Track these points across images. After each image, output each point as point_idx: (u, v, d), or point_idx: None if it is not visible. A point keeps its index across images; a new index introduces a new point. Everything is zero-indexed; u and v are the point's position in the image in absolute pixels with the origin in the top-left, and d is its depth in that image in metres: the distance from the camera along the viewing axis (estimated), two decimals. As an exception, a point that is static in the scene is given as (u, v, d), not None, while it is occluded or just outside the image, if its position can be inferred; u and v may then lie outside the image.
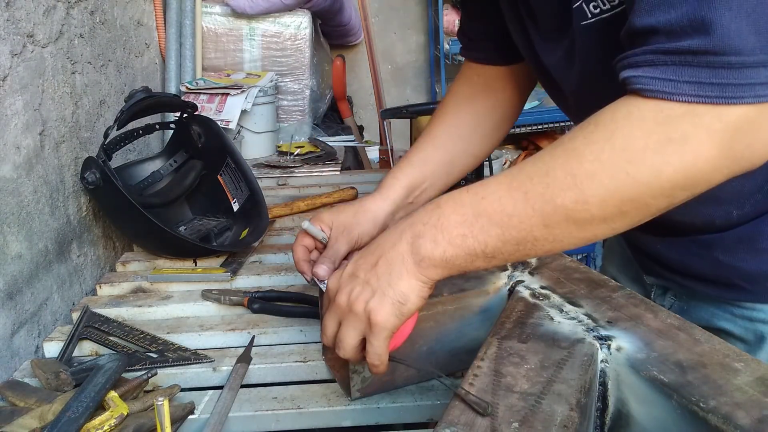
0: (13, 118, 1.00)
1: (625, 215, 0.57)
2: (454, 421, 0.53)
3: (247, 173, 1.36)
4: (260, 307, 1.02)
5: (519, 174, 0.60)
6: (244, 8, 2.14)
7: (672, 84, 0.52)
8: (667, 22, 0.52)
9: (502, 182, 0.60)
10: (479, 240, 0.60)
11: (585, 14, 0.68)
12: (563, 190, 0.56)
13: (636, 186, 0.55)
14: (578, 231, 0.58)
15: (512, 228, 0.59)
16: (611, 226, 0.58)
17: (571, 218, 0.57)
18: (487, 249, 0.60)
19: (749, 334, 0.79)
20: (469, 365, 0.61)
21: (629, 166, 0.54)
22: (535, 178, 0.58)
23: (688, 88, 0.52)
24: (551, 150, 0.59)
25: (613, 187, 0.55)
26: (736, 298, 0.79)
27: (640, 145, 0.54)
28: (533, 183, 0.58)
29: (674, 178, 0.54)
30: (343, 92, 2.68)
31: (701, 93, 0.52)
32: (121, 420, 0.74)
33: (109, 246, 1.33)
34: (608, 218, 0.57)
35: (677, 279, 0.85)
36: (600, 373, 0.62)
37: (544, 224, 0.58)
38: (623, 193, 0.55)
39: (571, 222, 0.57)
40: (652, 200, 0.56)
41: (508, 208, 0.59)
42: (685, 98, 0.52)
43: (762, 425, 0.49)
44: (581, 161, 0.56)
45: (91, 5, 1.34)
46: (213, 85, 2.01)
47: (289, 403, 0.81)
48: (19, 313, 0.98)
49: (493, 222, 0.59)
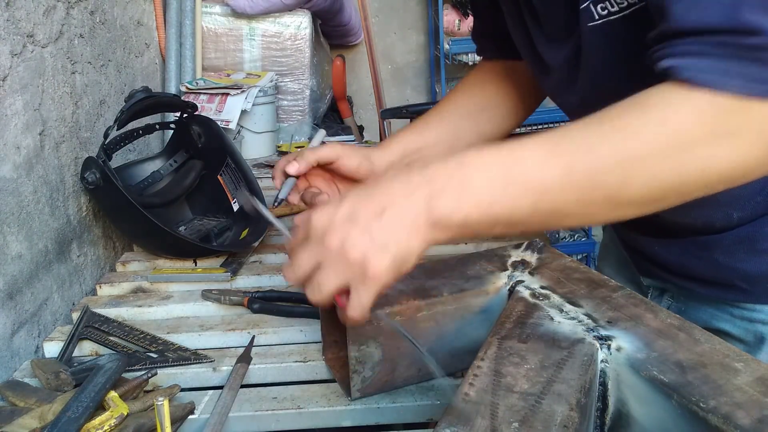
0: (13, 118, 1.00)
1: (662, 201, 0.56)
2: (454, 421, 0.53)
3: (247, 173, 1.36)
4: (260, 307, 1.02)
5: (560, 143, 0.56)
6: (244, 8, 2.14)
7: (724, 75, 0.51)
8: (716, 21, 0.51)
9: (541, 148, 0.56)
10: (506, 207, 0.56)
11: (592, 15, 0.67)
12: (608, 168, 0.54)
13: (683, 176, 0.54)
14: (612, 210, 0.57)
15: (546, 201, 0.55)
16: (646, 209, 0.57)
17: (610, 199, 0.55)
18: (513, 217, 0.56)
19: (749, 335, 0.78)
20: (469, 365, 0.61)
21: (680, 154, 0.53)
22: (579, 153, 0.55)
23: (740, 82, 0.51)
24: (598, 122, 0.56)
25: (660, 174, 0.54)
26: (735, 299, 0.78)
27: (694, 135, 0.53)
28: (576, 157, 0.55)
29: (722, 172, 0.53)
30: (343, 92, 2.68)
31: (752, 87, 0.51)
32: (121, 420, 0.74)
33: (109, 246, 1.33)
34: (646, 202, 0.56)
35: (675, 280, 0.84)
36: (600, 373, 0.62)
37: (581, 201, 0.55)
38: (668, 181, 0.54)
39: (608, 202, 0.55)
40: (695, 190, 0.55)
41: (546, 180, 0.55)
42: (737, 90, 0.51)
43: (762, 425, 0.49)
44: (633, 142, 0.53)
45: (91, 5, 1.34)
46: (213, 85, 2.01)
47: (289, 403, 0.81)
48: (19, 313, 0.98)
49: (527, 191, 0.55)
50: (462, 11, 3.22)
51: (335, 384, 0.85)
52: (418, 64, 3.54)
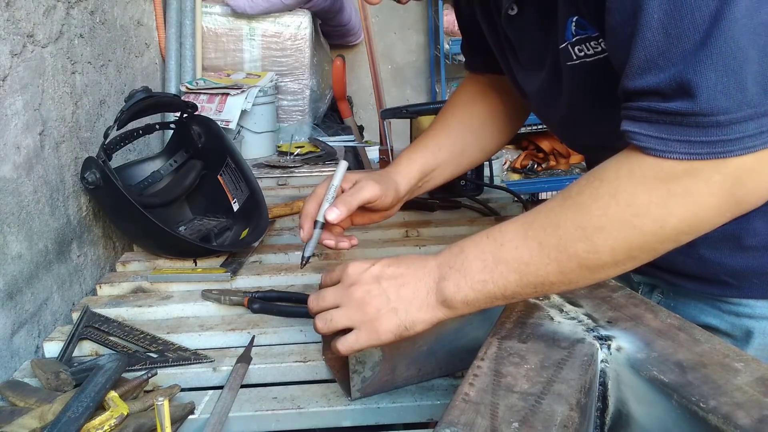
0: (13, 118, 1.00)
1: (634, 259, 0.61)
2: (454, 421, 0.53)
3: (247, 173, 1.36)
4: (260, 307, 1.02)
5: (533, 224, 0.64)
6: (244, 8, 2.14)
7: (666, 143, 0.56)
8: (657, 84, 0.56)
9: (519, 231, 0.64)
10: (499, 285, 0.64)
11: (570, 56, 0.72)
12: (575, 241, 0.60)
13: (643, 236, 0.59)
14: (591, 274, 0.63)
15: (529, 274, 0.63)
16: (622, 268, 0.62)
17: (584, 265, 0.61)
18: (506, 292, 0.64)
19: (736, 330, 0.79)
20: (469, 365, 0.61)
21: (635, 219, 0.58)
22: (548, 229, 0.62)
23: (681, 147, 0.55)
24: (561, 201, 0.63)
25: (621, 237, 0.59)
26: (722, 293, 0.79)
27: (644, 201, 0.57)
28: (546, 234, 0.62)
29: (679, 227, 0.58)
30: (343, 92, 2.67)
31: (693, 151, 0.55)
32: (121, 420, 0.74)
33: (109, 246, 1.33)
34: (619, 263, 0.62)
35: (664, 276, 0.85)
36: (600, 373, 0.62)
37: (559, 271, 0.62)
38: (631, 243, 0.59)
39: (584, 268, 0.62)
40: (660, 245, 0.61)
41: (524, 257, 0.63)
42: (679, 156, 0.56)
43: (762, 425, 0.49)
44: (590, 216, 0.60)
45: (91, 5, 1.34)
46: (213, 85, 2.01)
47: (289, 403, 0.81)
48: (19, 313, 0.98)
49: (512, 269, 0.63)
50: (462, 11, 3.22)
51: (335, 384, 0.85)
52: (418, 64, 3.54)
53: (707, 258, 0.78)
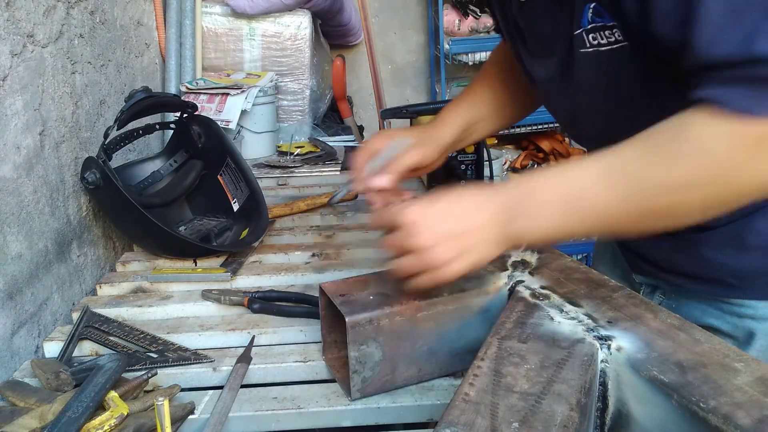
0: (13, 118, 1.00)
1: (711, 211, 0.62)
2: (454, 421, 0.53)
3: (247, 173, 1.36)
4: (260, 307, 1.02)
5: (616, 170, 0.63)
6: (244, 8, 2.14)
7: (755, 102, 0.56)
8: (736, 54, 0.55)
9: (600, 174, 0.64)
10: (574, 226, 0.66)
11: (584, 43, 0.71)
12: (660, 195, 0.61)
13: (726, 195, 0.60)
14: (667, 224, 0.64)
15: (606, 221, 0.65)
16: (695, 219, 0.63)
17: (662, 217, 0.63)
18: (575, 235, 0.67)
19: (738, 331, 0.79)
20: (469, 365, 0.61)
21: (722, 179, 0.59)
22: (633, 179, 0.62)
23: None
24: (649, 148, 0.62)
25: (705, 196, 0.60)
26: (724, 294, 0.79)
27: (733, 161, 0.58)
28: (630, 184, 0.62)
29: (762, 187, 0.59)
30: (343, 92, 2.67)
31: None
32: (121, 420, 0.74)
33: (109, 246, 1.33)
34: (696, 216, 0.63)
35: (666, 277, 0.85)
36: (600, 373, 0.62)
37: (636, 220, 0.64)
38: (714, 200, 0.61)
39: (660, 218, 0.63)
40: (739, 201, 0.61)
41: (606, 205, 0.64)
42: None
43: (762, 425, 0.49)
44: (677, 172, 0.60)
45: (91, 5, 1.34)
46: (213, 85, 2.01)
47: (289, 403, 0.81)
48: (19, 313, 0.98)
49: (591, 215, 0.65)
50: (462, 11, 3.21)
51: (335, 384, 0.85)
52: (418, 64, 3.53)
53: (710, 258, 0.78)
